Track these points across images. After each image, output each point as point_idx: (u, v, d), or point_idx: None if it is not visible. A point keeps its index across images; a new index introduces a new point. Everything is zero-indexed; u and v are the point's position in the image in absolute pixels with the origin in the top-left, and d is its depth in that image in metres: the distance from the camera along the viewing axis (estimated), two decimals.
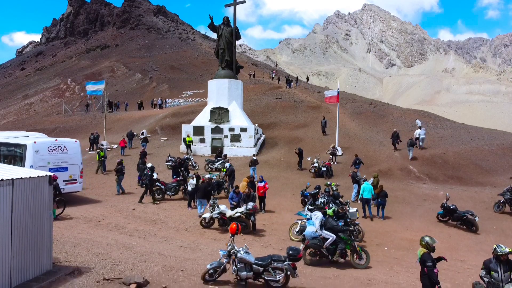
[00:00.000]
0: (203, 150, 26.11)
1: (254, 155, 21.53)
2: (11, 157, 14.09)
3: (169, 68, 79.41)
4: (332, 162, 22.53)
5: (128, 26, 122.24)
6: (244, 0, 28.14)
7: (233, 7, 28.31)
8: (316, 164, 21.04)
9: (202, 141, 26.25)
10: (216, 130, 26.08)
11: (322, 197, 13.69)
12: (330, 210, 10.28)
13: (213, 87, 27.63)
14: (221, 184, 16.59)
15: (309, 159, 22.36)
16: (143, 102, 49.30)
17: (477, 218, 13.38)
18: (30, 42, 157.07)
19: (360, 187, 15.42)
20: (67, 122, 41.25)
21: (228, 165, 18.08)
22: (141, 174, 18.17)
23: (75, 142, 15.28)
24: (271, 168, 22.68)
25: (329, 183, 15.34)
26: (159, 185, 15.88)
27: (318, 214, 10.06)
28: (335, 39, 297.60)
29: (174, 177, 17.64)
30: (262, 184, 14.60)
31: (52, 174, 7.43)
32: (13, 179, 6.31)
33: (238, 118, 26.61)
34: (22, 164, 13.25)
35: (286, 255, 7.50)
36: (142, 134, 28.88)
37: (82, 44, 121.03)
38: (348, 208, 11.98)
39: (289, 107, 37.85)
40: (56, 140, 14.76)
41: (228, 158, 21.56)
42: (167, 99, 52.30)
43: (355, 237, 10.88)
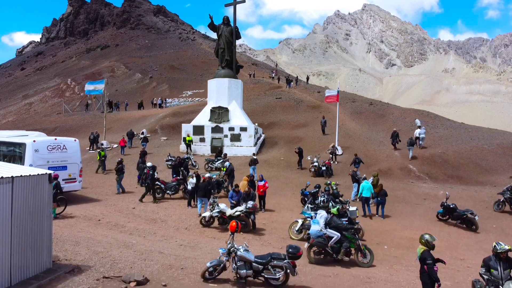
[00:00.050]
0: (203, 149, 26.10)
1: (254, 155, 21.55)
2: (11, 156, 14.09)
3: (169, 68, 79.38)
4: (332, 162, 22.54)
5: (128, 26, 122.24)
6: None
7: (233, 7, 28.33)
8: (316, 163, 21.05)
9: (202, 140, 26.25)
10: (216, 130, 26.08)
11: (322, 195, 13.70)
12: (334, 209, 10.27)
13: (213, 87, 27.63)
14: (221, 183, 16.62)
15: (309, 158, 22.38)
16: (143, 102, 49.30)
17: (477, 217, 13.39)
18: (30, 42, 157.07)
19: (360, 186, 15.44)
20: (67, 122, 41.25)
21: (227, 164, 18.10)
22: (141, 173, 18.21)
23: (75, 141, 15.28)
24: (271, 167, 22.69)
25: (329, 182, 15.33)
26: (159, 184, 15.91)
27: (322, 213, 10.06)
28: (335, 39, 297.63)
29: (174, 176, 17.66)
30: (262, 183, 14.61)
31: (52, 172, 7.44)
32: (13, 177, 6.32)
33: (238, 118, 26.61)
34: (21, 163, 13.24)
35: (286, 253, 7.50)
36: (142, 133, 28.90)
37: (82, 44, 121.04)
38: (348, 207, 11.99)
39: (289, 107, 37.86)
40: (55, 139, 14.76)
41: (228, 158, 21.58)
42: (167, 99, 52.29)
43: (359, 235, 10.89)
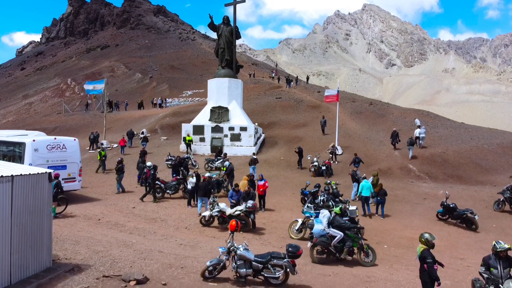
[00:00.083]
0: (203, 149, 26.10)
1: (254, 154, 21.55)
2: (10, 155, 14.09)
3: (169, 67, 79.37)
4: (332, 161, 22.54)
5: (128, 26, 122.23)
6: None
7: (233, 7, 28.32)
8: (316, 163, 21.05)
9: (202, 140, 26.24)
10: (216, 129, 26.08)
11: (322, 195, 13.71)
12: (337, 208, 10.25)
13: (213, 86, 27.63)
14: (221, 182, 16.63)
15: (309, 158, 22.38)
16: (143, 102, 49.29)
17: (476, 217, 13.39)
18: (30, 42, 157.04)
19: (359, 186, 15.43)
20: (67, 122, 41.22)
21: (227, 164, 18.10)
22: (140, 173, 18.21)
23: (74, 140, 15.27)
24: (271, 167, 22.69)
25: (328, 182, 15.33)
26: (159, 183, 15.92)
27: (325, 212, 10.07)
28: (335, 39, 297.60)
29: (174, 175, 17.66)
30: (262, 182, 14.60)
31: (52, 171, 7.44)
32: (12, 176, 6.32)
33: (238, 117, 26.61)
34: (21, 162, 13.25)
35: (286, 252, 7.50)
36: (142, 133, 28.90)
37: (82, 44, 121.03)
38: (348, 206, 11.99)
39: (289, 107, 37.85)
40: (55, 138, 14.77)
41: (228, 157, 21.58)
42: (167, 99, 52.28)
43: (362, 234, 10.88)
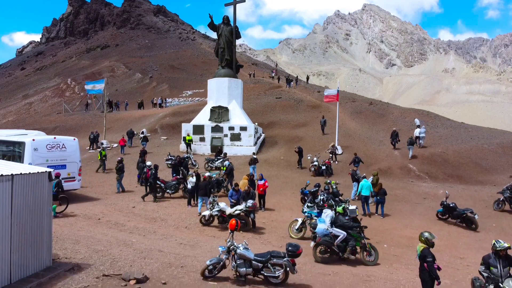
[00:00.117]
0: (203, 149, 26.10)
1: (254, 154, 21.55)
2: (10, 154, 14.10)
3: (169, 67, 79.34)
4: (332, 161, 22.54)
5: (128, 26, 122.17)
6: None
7: (233, 6, 28.33)
8: (316, 162, 21.05)
9: (202, 140, 26.24)
10: (216, 129, 26.08)
11: (322, 194, 13.70)
12: (340, 208, 10.24)
13: (213, 86, 27.63)
14: (220, 182, 16.63)
15: (309, 158, 22.39)
16: (144, 102, 49.29)
17: (476, 216, 13.40)
18: (30, 42, 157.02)
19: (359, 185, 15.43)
20: (67, 122, 41.24)
21: (227, 163, 18.11)
22: (140, 173, 18.21)
23: (74, 140, 15.28)
24: (271, 166, 22.68)
25: (328, 181, 15.34)
26: (159, 183, 15.91)
27: (328, 212, 10.07)
28: (335, 39, 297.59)
29: (174, 175, 17.66)
30: (262, 182, 14.61)
31: (52, 170, 7.45)
32: (12, 175, 6.32)
33: (238, 117, 26.60)
34: (20, 161, 13.26)
35: (286, 252, 7.51)
36: (142, 133, 28.91)
37: (82, 44, 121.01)
38: (347, 206, 11.97)
39: (289, 107, 37.85)
40: (54, 138, 14.78)
41: (228, 157, 21.58)
42: (167, 99, 52.27)
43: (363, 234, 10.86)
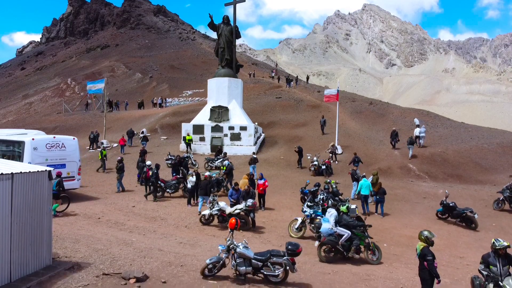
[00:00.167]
0: (203, 148, 26.11)
1: (254, 154, 21.56)
2: (10, 154, 14.11)
3: (169, 67, 79.35)
4: (331, 161, 22.55)
5: (128, 26, 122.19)
6: None
7: (233, 6, 28.33)
8: (315, 162, 21.07)
9: (202, 139, 26.24)
10: (216, 129, 26.08)
11: (322, 193, 13.70)
12: (344, 207, 10.24)
13: (213, 86, 27.64)
14: (220, 181, 16.65)
15: (308, 157, 22.39)
16: (144, 102, 49.30)
17: (476, 215, 13.40)
18: (30, 42, 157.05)
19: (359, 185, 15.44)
20: (67, 121, 41.25)
21: (227, 163, 18.11)
22: (140, 172, 18.23)
23: (73, 139, 15.28)
24: (271, 166, 22.70)
25: (328, 181, 15.35)
26: (159, 182, 15.92)
27: (332, 211, 10.08)
28: (335, 39, 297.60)
29: (174, 175, 17.67)
30: (262, 181, 14.62)
31: (52, 169, 7.46)
32: (12, 174, 6.33)
33: (238, 117, 26.61)
34: (20, 161, 13.25)
35: (285, 250, 7.51)
36: (142, 132, 28.92)
37: (82, 43, 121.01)
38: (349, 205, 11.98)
39: (289, 106, 37.86)
40: (54, 137, 14.79)
41: (227, 156, 21.59)
42: (167, 98, 52.28)
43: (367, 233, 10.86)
